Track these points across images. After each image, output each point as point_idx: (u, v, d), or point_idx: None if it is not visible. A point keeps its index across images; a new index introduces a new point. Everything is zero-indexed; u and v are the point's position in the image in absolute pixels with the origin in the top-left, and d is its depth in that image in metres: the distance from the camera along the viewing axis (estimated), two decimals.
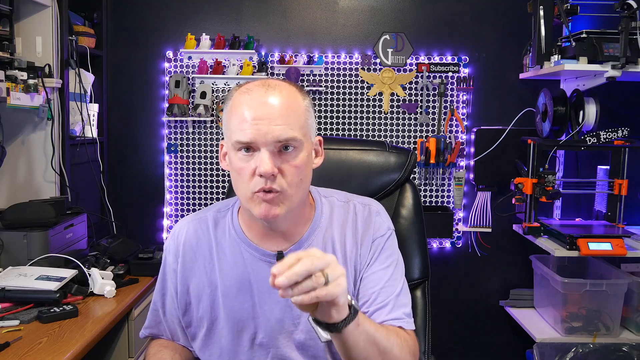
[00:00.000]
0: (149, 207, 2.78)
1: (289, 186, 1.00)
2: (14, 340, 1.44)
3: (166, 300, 1.19)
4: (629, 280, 2.35)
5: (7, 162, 2.15)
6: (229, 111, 1.03)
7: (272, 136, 0.97)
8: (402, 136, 2.74)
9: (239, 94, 1.03)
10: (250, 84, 1.05)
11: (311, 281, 0.83)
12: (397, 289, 1.10)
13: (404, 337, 1.05)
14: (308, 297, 0.83)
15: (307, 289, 0.83)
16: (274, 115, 0.98)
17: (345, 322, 0.91)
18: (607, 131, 2.35)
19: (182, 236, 1.17)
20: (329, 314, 0.89)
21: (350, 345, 0.94)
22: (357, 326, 0.93)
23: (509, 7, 2.69)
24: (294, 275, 0.82)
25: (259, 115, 0.98)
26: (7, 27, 2.04)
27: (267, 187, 0.98)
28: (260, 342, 1.11)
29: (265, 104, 0.99)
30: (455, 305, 2.84)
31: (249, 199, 1.02)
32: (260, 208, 1.01)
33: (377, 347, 0.97)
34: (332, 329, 0.91)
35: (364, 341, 0.95)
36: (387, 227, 1.16)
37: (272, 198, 1.00)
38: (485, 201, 2.75)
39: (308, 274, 0.83)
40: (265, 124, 0.97)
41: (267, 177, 0.98)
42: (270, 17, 2.70)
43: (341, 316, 0.90)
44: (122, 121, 2.76)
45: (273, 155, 0.99)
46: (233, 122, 1.01)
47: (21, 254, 1.87)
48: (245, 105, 1.00)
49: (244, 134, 0.98)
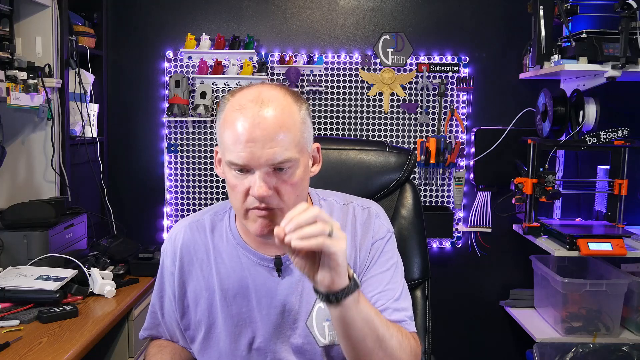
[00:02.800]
0: (149, 207, 2.78)
1: (286, 205, 0.98)
2: (14, 340, 1.44)
3: (164, 302, 1.18)
4: (629, 280, 2.35)
5: (7, 162, 2.15)
6: (222, 124, 0.99)
7: (265, 159, 0.94)
8: (402, 136, 2.74)
9: (231, 109, 0.98)
10: (243, 96, 0.99)
11: (316, 227, 0.84)
12: (397, 292, 1.09)
13: (407, 335, 1.05)
14: (309, 243, 0.84)
15: (310, 234, 0.84)
16: (268, 137, 0.94)
17: (345, 293, 0.90)
18: (607, 131, 2.35)
19: (179, 239, 1.16)
20: (330, 278, 0.88)
21: (348, 322, 0.93)
22: (357, 303, 0.92)
23: (509, 7, 2.69)
24: (302, 219, 0.84)
25: (251, 138, 0.94)
26: (7, 27, 2.04)
27: (261, 207, 0.97)
28: (257, 346, 1.10)
29: (259, 125, 0.94)
30: (455, 305, 2.83)
31: (244, 215, 1.00)
32: (255, 225, 0.99)
33: (375, 332, 0.96)
34: (331, 300, 0.90)
35: (362, 320, 0.94)
36: (387, 230, 1.15)
37: (267, 214, 0.98)
38: (485, 201, 2.75)
39: (314, 221, 0.84)
40: (259, 147, 0.94)
41: (260, 200, 0.96)
42: (270, 17, 2.70)
43: (342, 283, 0.90)
44: (122, 121, 2.76)
45: (268, 175, 0.96)
46: (226, 139, 0.97)
47: (21, 254, 1.87)
48: (239, 124, 0.95)
49: (238, 156, 0.95)
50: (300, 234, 0.84)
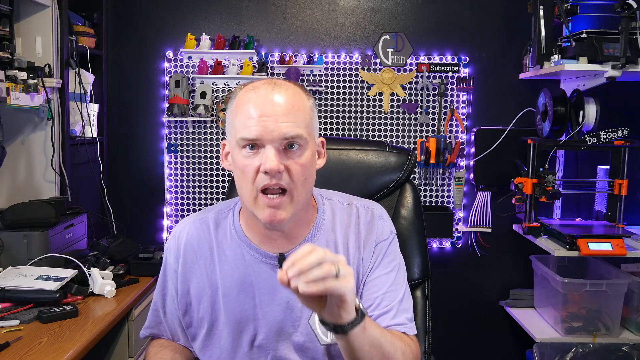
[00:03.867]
0: (149, 207, 2.78)
1: (294, 184, 0.99)
2: (14, 340, 1.44)
3: (167, 300, 1.18)
4: (629, 280, 2.35)
5: (7, 162, 2.15)
6: (234, 109, 1.03)
7: (278, 133, 0.97)
8: (402, 136, 2.74)
9: (244, 92, 1.03)
10: (256, 82, 1.04)
11: (322, 270, 0.83)
12: (400, 294, 1.10)
13: (408, 342, 1.06)
14: (317, 287, 0.82)
15: (317, 278, 0.82)
16: (281, 112, 0.98)
17: (353, 325, 0.90)
18: (607, 131, 2.35)
19: (182, 237, 1.16)
20: (337, 314, 0.88)
21: (356, 348, 0.94)
22: (364, 330, 0.93)
23: (509, 7, 2.69)
24: (306, 264, 0.82)
25: (265, 112, 0.98)
26: (7, 27, 2.04)
27: (272, 184, 0.98)
28: (259, 343, 1.11)
29: (272, 101, 0.99)
30: (455, 306, 2.83)
31: (253, 201, 1.01)
32: (265, 212, 1.00)
33: (381, 351, 0.97)
34: (339, 331, 0.91)
35: (370, 345, 0.95)
36: (390, 231, 1.15)
37: (277, 203, 0.99)
38: (485, 201, 2.75)
39: (319, 264, 0.83)
40: (272, 121, 0.97)
41: (272, 175, 0.97)
42: (270, 17, 2.70)
43: (349, 317, 0.89)
44: (122, 121, 2.76)
45: (278, 152, 0.98)
46: (238, 120, 1.00)
47: (21, 254, 1.87)
48: (252, 103, 0.99)
49: (250, 130, 0.97)
50: (307, 278, 0.82)
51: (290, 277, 0.82)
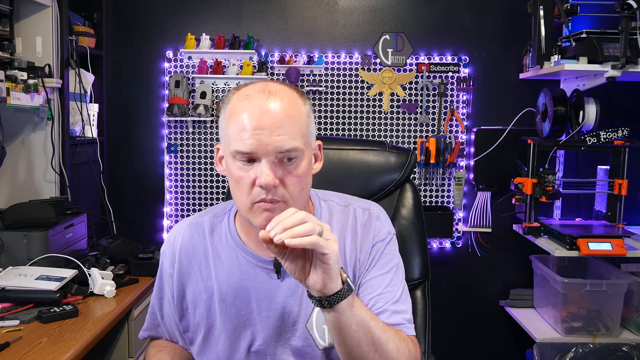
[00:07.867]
0: (149, 207, 2.78)
1: (291, 196, 0.98)
2: (14, 340, 1.44)
3: (164, 304, 1.18)
4: (629, 280, 2.35)
5: (7, 162, 2.15)
6: (227, 117, 0.99)
7: (273, 147, 0.94)
8: (402, 136, 2.74)
9: (237, 100, 0.98)
10: (250, 88, 1.00)
11: (306, 226, 0.84)
12: (396, 295, 1.08)
13: (405, 338, 1.04)
14: (301, 241, 0.83)
15: (302, 233, 0.83)
16: (276, 124, 0.94)
17: (338, 297, 0.90)
18: (607, 131, 2.35)
19: (177, 241, 1.15)
20: (322, 282, 0.88)
21: (342, 326, 0.93)
22: (351, 307, 0.92)
23: (509, 7, 2.69)
24: (290, 221, 0.83)
25: (260, 125, 0.94)
26: (7, 27, 2.04)
27: (268, 199, 0.96)
28: (257, 349, 1.09)
29: (267, 112, 0.95)
30: (455, 305, 2.83)
31: (249, 209, 0.99)
32: (260, 218, 0.98)
33: (370, 336, 0.95)
34: (325, 305, 0.90)
35: (357, 324, 0.94)
36: (388, 232, 1.13)
37: (273, 207, 0.97)
38: (485, 201, 2.75)
39: (303, 221, 0.84)
40: (267, 134, 0.94)
41: (267, 189, 0.95)
42: (270, 17, 2.70)
43: (334, 287, 0.89)
44: (122, 121, 2.76)
45: (274, 165, 0.95)
46: (232, 129, 0.97)
47: (21, 254, 1.87)
48: (245, 113, 0.95)
49: (244, 144, 0.94)
50: (291, 233, 0.83)
51: (274, 235, 0.83)
